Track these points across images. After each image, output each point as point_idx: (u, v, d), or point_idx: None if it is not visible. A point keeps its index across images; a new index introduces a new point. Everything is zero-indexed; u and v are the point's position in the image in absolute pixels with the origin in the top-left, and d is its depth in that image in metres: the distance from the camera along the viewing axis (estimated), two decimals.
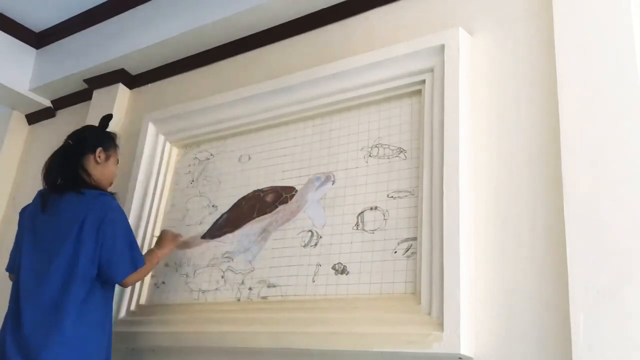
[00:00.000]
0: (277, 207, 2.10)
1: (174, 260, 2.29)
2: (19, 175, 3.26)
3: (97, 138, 2.10)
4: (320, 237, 1.94)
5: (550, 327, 1.45)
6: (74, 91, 3.13)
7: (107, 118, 2.24)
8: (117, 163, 2.15)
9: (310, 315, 1.81)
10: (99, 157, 2.04)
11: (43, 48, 3.21)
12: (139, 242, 2.37)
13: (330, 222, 1.94)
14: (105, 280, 1.89)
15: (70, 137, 2.10)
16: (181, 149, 2.54)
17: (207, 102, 2.41)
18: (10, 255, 2.06)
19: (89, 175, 2.01)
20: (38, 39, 3.20)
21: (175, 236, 2.21)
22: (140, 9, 2.80)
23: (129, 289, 2.28)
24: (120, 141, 2.79)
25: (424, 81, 1.87)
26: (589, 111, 1.51)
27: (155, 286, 2.30)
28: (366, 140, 1.97)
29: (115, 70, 2.87)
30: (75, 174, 1.99)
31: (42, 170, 2.03)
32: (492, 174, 1.68)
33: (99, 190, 2.00)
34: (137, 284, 2.28)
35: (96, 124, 2.84)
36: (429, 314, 1.59)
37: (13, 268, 2.01)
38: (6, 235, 3.12)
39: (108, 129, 2.21)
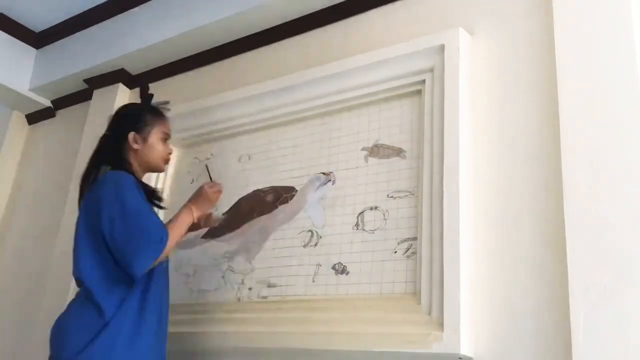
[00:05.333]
0: (277, 207, 2.10)
1: (173, 260, 2.29)
2: (19, 175, 3.26)
3: (126, 121, 1.86)
4: (320, 237, 1.94)
5: (550, 327, 1.45)
6: (74, 91, 3.12)
7: (147, 98, 1.95)
8: (165, 138, 1.87)
9: (310, 315, 1.81)
10: (136, 142, 1.82)
11: (43, 48, 3.21)
12: None
13: (330, 222, 1.94)
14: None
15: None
16: (181, 149, 2.54)
17: (207, 102, 2.41)
18: None
19: (130, 165, 1.81)
20: (38, 39, 3.20)
21: (216, 193, 1.89)
22: (140, 9, 2.80)
23: None
24: None
25: (424, 81, 1.87)
26: (589, 111, 1.51)
27: None
28: (366, 140, 1.97)
29: (115, 70, 2.87)
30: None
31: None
32: (492, 174, 1.68)
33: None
34: None
35: (96, 124, 2.85)
36: (429, 314, 1.59)
37: None
38: (6, 234, 3.12)
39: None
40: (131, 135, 1.81)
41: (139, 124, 1.84)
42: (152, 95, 1.96)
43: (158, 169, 1.91)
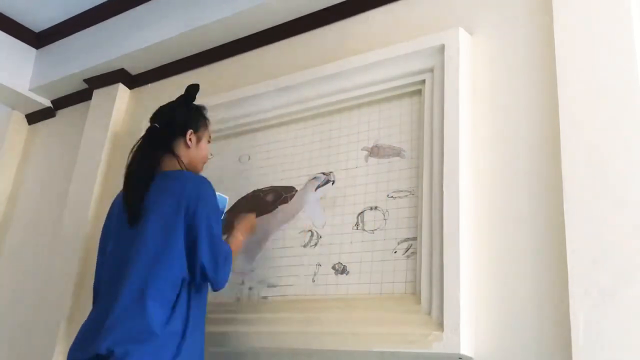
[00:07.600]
0: (277, 207, 2.10)
1: None
2: (18, 175, 3.26)
3: (186, 117, 1.86)
4: (320, 237, 1.94)
5: (550, 327, 1.45)
6: (74, 91, 3.12)
7: (194, 88, 1.93)
8: (209, 140, 1.94)
9: (310, 315, 1.81)
10: (190, 140, 1.83)
11: (43, 48, 3.21)
12: None
13: (330, 222, 1.94)
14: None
15: (154, 118, 1.88)
16: None
17: (207, 102, 2.40)
18: None
19: (182, 163, 1.81)
20: (38, 39, 3.20)
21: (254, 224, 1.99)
22: (140, 9, 2.80)
23: None
24: (121, 141, 2.80)
25: (424, 81, 1.87)
26: (589, 111, 1.52)
27: None
28: (366, 140, 1.97)
29: (115, 70, 2.87)
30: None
31: (128, 162, 1.80)
32: (492, 174, 1.68)
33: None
34: None
35: (96, 124, 2.86)
36: (429, 314, 1.59)
37: None
38: (6, 234, 3.12)
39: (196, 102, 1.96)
40: (189, 132, 1.83)
41: (196, 122, 1.87)
42: (198, 85, 1.94)
43: (197, 170, 1.88)
